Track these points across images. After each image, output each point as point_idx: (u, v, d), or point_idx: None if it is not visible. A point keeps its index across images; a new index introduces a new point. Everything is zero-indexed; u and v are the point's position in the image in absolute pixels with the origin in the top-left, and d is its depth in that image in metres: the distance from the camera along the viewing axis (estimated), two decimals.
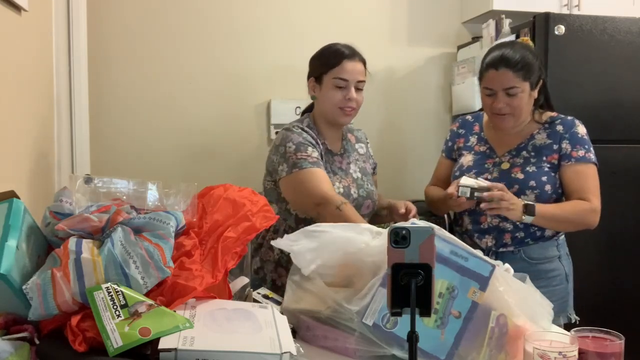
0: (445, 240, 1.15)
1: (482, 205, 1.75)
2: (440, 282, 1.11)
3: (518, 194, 1.84)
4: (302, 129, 1.88)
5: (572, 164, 1.85)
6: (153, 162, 2.81)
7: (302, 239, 1.22)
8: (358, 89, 1.87)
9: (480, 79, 1.90)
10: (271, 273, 1.92)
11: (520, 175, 1.85)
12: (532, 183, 1.84)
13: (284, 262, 1.88)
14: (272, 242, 1.29)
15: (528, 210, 1.76)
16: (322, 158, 1.84)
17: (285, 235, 1.27)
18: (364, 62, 1.90)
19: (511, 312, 1.14)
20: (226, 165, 2.87)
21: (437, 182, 2.12)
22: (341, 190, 1.83)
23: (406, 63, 3.13)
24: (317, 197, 1.72)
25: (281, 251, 1.88)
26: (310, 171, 1.77)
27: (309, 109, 2.03)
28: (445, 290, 1.12)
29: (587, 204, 1.82)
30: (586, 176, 1.85)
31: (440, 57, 3.16)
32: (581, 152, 1.86)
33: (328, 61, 1.86)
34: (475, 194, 1.76)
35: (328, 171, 1.85)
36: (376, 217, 2.00)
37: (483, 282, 1.13)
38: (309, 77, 1.94)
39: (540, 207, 1.78)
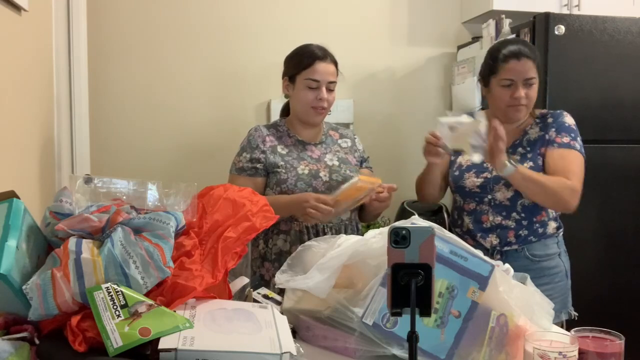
0: (444, 240, 1.15)
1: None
2: (440, 281, 1.11)
3: (518, 191, 1.85)
4: (259, 128, 2.00)
5: (555, 148, 1.85)
6: (153, 162, 2.81)
7: (316, 274, 1.21)
8: (329, 90, 1.93)
9: (495, 71, 1.87)
10: (258, 268, 1.95)
11: None
12: None
13: (270, 255, 1.91)
14: (278, 284, 1.30)
15: (511, 160, 1.75)
16: (258, 161, 1.92)
17: (298, 277, 1.27)
18: (335, 63, 1.95)
19: (511, 312, 1.14)
20: (226, 166, 2.86)
21: None
22: (306, 172, 1.90)
23: (406, 63, 3.13)
24: None
25: (266, 245, 1.93)
26: (231, 177, 1.97)
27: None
28: (445, 290, 1.12)
29: (568, 181, 1.78)
30: (569, 160, 1.83)
31: (440, 57, 3.16)
32: (565, 139, 1.86)
33: (301, 62, 1.92)
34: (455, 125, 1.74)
35: (294, 158, 1.93)
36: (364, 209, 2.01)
37: (482, 281, 1.13)
38: (283, 77, 1.99)
39: (521, 166, 1.78)
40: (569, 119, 1.91)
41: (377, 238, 1.22)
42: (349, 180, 1.78)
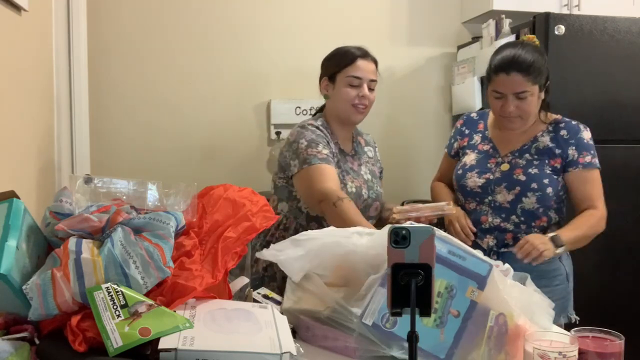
0: (443, 240, 1.15)
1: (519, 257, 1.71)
2: (439, 281, 1.11)
3: (520, 195, 1.84)
4: (316, 127, 1.89)
5: (580, 170, 1.86)
6: (153, 162, 2.81)
7: (289, 247, 1.22)
8: (370, 89, 1.90)
9: (489, 80, 1.87)
10: (281, 270, 1.92)
11: (522, 177, 1.85)
12: (534, 185, 1.83)
13: None
14: (258, 254, 1.29)
15: (555, 242, 1.74)
16: (333, 156, 1.85)
17: (272, 246, 1.27)
18: (376, 63, 1.95)
19: (511, 311, 1.14)
20: (226, 165, 2.88)
21: (442, 177, 2.14)
22: (353, 190, 1.84)
23: (406, 63, 3.13)
24: (318, 194, 1.72)
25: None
26: (318, 167, 1.76)
27: (321, 110, 2.05)
28: (444, 290, 1.12)
29: (597, 213, 1.85)
30: (593, 182, 1.87)
31: (440, 57, 3.16)
32: (588, 158, 1.86)
33: (342, 60, 1.91)
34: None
35: (342, 170, 1.87)
36: (380, 220, 2.01)
37: (481, 281, 1.13)
38: (321, 77, 1.97)
39: (563, 234, 1.77)
40: (586, 134, 1.89)
41: (364, 238, 1.23)
42: (440, 205, 1.75)
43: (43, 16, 1.85)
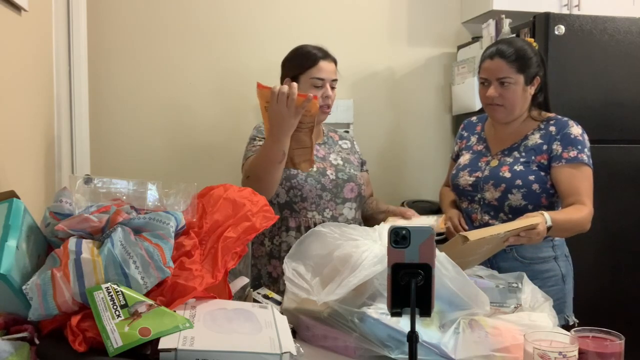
0: None
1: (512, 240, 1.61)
2: None
3: (505, 192, 1.84)
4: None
5: (563, 165, 1.80)
6: (153, 162, 2.81)
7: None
8: (332, 87, 1.95)
9: (479, 72, 1.92)
10: (265, 266, 1.95)
11: (508, 174, 1.84)
12: (519, 182, 1.82)
13: (277, 253, 1.92)
14: (288, 279, 1.30)
15: (547, 220, 1.65)
16: None
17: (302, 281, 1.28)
18: (335, 62, 1.98)
19: (480, 316, 1.14)
20: (226, 165, 2.87)
21: (447, 182, 2.16)
22: (314, 169, 1.91)
23: (406, 63, 3.13)
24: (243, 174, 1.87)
25: (272, 242, 1.93)
26: (249, 159, 1.90)
27: None
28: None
29: (585, 208, 1.77)
30: (579, 178, 1.80)
31: (440, 57, 3.16)
32: (573, 153, 1.81)
33: (304, 62, 1.94)
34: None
35: None
36: (372, 221, 2.02)
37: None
38: (283, 78, 1.98)
39: (552, 215, 1.68)
40: (574, 130, 1.84)
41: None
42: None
43: (43, 16, 1.85)
